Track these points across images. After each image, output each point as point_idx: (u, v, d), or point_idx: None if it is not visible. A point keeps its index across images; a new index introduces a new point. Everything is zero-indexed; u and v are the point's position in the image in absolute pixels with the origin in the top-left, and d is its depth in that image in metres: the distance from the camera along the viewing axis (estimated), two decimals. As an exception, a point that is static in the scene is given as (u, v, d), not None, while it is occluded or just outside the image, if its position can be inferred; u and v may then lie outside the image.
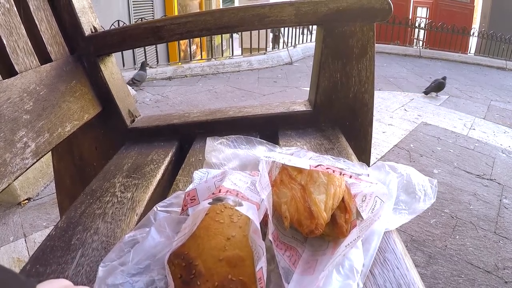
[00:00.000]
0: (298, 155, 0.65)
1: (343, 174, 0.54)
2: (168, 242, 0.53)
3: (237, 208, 0.49)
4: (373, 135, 1.11)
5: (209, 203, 0.50)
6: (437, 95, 5.14)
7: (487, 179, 2.84)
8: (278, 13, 0.99)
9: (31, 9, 0.93)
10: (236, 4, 14.74)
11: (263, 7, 0.99)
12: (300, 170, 0.55)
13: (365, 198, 0.56)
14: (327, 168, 0.53)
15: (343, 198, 0.55)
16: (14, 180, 0.73)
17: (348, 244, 0.48)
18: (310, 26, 7.60)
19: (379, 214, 0.53)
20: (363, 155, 1.09)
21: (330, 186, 0.53)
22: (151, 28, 1.04)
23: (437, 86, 5.05)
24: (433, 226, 2.19)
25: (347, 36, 1.01)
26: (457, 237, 2.12)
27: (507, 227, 2.24)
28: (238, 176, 0.59)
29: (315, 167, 0.53)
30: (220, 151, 0.77)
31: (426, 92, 5.11)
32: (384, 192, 0.56)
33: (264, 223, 0.50)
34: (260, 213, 0.49)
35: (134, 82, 4.84)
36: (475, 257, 1.96)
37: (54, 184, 1.28)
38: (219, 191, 0.54)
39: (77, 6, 1.06)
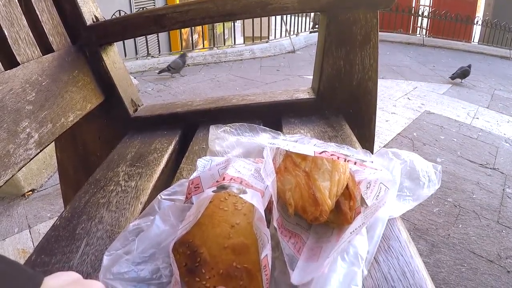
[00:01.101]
0: (302, 142, 0.64)
1: (347, 161, 0.53)
2: (173, 230, 0.53)
3: (241, 195, 0.49)
4: (376, 123, 1.10)
5: (213, 191, 0.50)
6: (461, 82, 5.38)
7: (490, 168, 2.83)
8: (280, 0, 0.98)
9: (32, 0, 0.92)
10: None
11: (266, -6, 0.98)
12: (304, 157, 0.55)
13: (370, 185, 0.56)
14: (331, 155, 0.52)
15: (347, 185, 0.55)
16: (18, 171, 0.73)
17: (353, 231, 0.48)
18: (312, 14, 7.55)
19: (384, 200, 0.53)
20: (367, 143, 1.08)
21: (334, 173, 0.53)
22: (153, 17, 1.03)
23: (463, 73, 5.33)
24: (436, 215, 2.19)
25: (351, 23, 1.00)
26: (460, 226, 2.12)
27: (510, 216, 2.24)
28: (242, 164, 0.59)
29: (320, 153, 0.52)
30: (223, 139, 0.77)
31: (452, 78, 5.36)
32: (389, 179, 0.55)
33: (268, 210, 0.50)
34: (265, 200, 0.49)
35: (169, 69, 4.88)
36: (478, 246, 1.96)
37: (58, 175, 1.28)
38: (223, 179, 0.53)
39: (78, -5, 1.06)
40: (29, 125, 0.78)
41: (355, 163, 0.54)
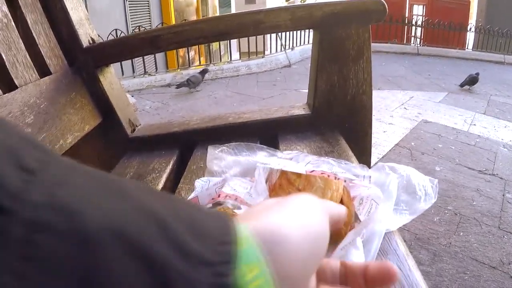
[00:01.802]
0: (297, 159, 0.65)
1: (338, 179, 0.54)
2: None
3: (236, 211, 0.50)
4: (374, 134, 1.11)
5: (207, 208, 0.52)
6: (469, 89, 5.58)
7: (489, 174, 2.84)
8: (273, 18, 0.99)
9: (29, 23, 0.93)
10: (233, 8, 14.78)
11: (258, 13, 0.99)
12: (298, 175, 0.55)
13: (362, 201, 0.56)
14: (322, 173, 0.53)
15: (342, 200, 0.55)
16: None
17: (343, 247, 0.49)
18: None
19: (374, 217, 0.53)
20: (364, 157, 1.09)
21: (327, 191, 0.54)
22: (149, 38, 1.04)
23: (471, 80, 5.52)
24: (437, 224, 2.19)
25: (343, 39, 1.01)
26: (461, 233, 2.12)
27: (511, 221, 2.24)
28: (237, 182, 0.60)
29: (311, 171, 0.53)
30: (221, 158, 0.78)
31: (462, 85, 5.56)
32: (378, 195, 0.56)
33: None
34: None
35: (188, 83, 4.92)
36: (480, 253, 1.96)
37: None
38: (219, 196, 0.55)
39: (74, 18, 1.07)
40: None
41: (344, 181, 0.55)
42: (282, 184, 0.56)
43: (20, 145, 0.21)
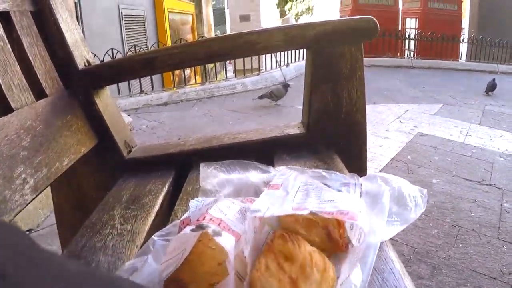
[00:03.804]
0: (286, 185, 0.65)
1: (330, 213, 0.54)
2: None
3: (215, 237, 0.51)
4: (370, 149, 1.13)
5: (191, 230, 0.52)
6: (492, 94, 6.13)
7: (487, 184, 2.84)
8: (267, 39, 1.01)
9: (25, 46, 0.94)
10: (228, 26, 14.93)
11: (252, 34, 1.01)
12: (289, 256, 0.51)
13: (352, 226, 0.57)
14: (310, 212, 0.54)
15: (330, 234, 0.56)
16: (15, 216, 0.74)
17: (342, 283, 0.50)
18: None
19: (362, 246, 0.54)
20: (359, 174, 1.09)
21: (323, 286, 0.49)
22: (144, 60, 1.06)
23: (492, 86, 6.11)
24: (435, 237, 2.18)
25: (336, 57, 1.03)
26: (460, 245, 2.11)
27: (510, 231, 2.24)
28: (227, 203, 0.60)
29: (301, 209, 0.54)
30: (214, 177, 0.78)
31: (486, 92, 6.13)
32: (366, 226, 0.55)
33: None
34: (239, 244, 0.51)
35: (271, 96, 4.97)
36: (480, 264, 1.95)
37: (54, 216, 1.28)
38: (203, 218, 0.55)
39: (69, 40, 1.08)
40: (25, 171, 0.79)
41: (338, 220, 0.56)
42: (270, 267, 0.50)
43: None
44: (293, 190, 0.64)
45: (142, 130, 4.38)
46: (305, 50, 1.13)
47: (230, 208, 0.59)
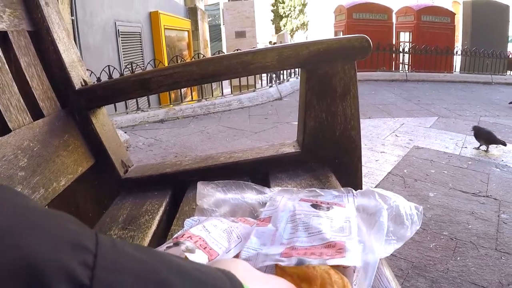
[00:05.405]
0: (275, 218, 0.65)
1: (318, 252, 0.54)
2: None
3: (187, 254, 0.51)
4: (366, 164, 1.13)
5: (167, 247, 0.53)
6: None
7: (483, 196, 2.84)
8: (261, 59, 1.02)
9: (23, 66, 0.95)
10: (224, 42, 15.05)
11: (246, 54, 1.02)
12: (305, 278, 0.50)
13: (355, 268, 0.57)
14: (304, 254, 0.53)
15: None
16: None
17: None
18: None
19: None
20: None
21: None
22: (140, 81, 1.06)
23: None
24: (433, 250, 2.18)
25: (330, 76, 1.04)
26: (458, 258, 2.11)
27: (508, 242, 2.23)
28: (214, 222, 0.61)
29: (289, 248, 0.54)
30: (210, 196, 0.79)
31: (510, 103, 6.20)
32: (356, 258, 0.55)
33: None
34: (214, 264, 0.51)
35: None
36: (478, 277, 1.94)
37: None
38: (182, 236, 0.56)
39: (66, 60, 1.09)
40: (22, 191, 0.79)
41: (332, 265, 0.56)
42: None
43: (77, 238, 0.27)
44: (282, 223, 0.64)
45: (138, 147, 4.38)
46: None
47: (216, 226, 0.59)
